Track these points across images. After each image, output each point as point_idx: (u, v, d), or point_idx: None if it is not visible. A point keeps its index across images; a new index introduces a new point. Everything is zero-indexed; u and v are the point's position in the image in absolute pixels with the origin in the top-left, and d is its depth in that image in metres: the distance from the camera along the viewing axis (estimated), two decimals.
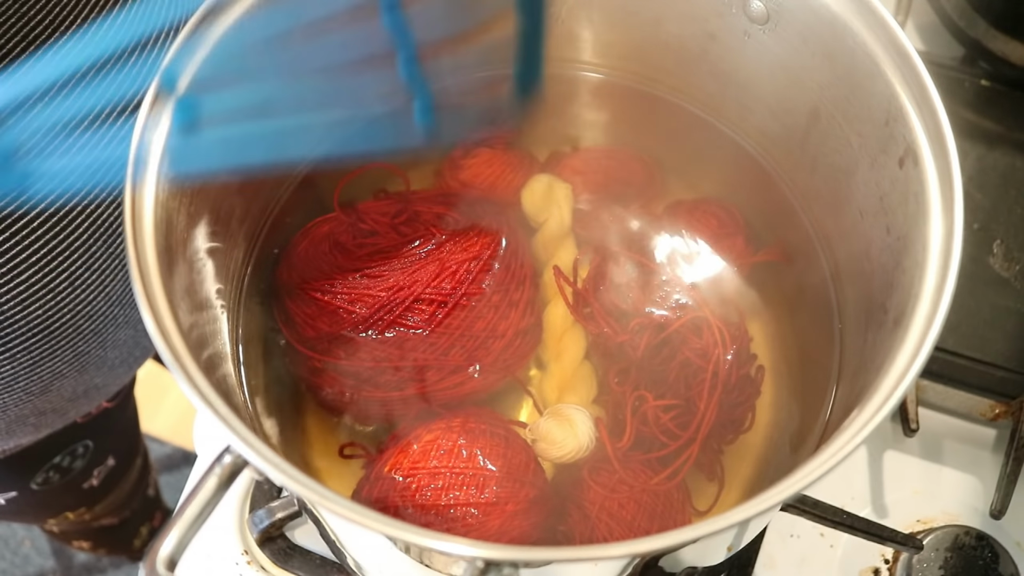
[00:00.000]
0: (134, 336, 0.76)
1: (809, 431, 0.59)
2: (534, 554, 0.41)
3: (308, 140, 0.46)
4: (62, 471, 0.89)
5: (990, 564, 0.64)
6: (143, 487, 1.12)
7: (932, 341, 0.44)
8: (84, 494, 0.97)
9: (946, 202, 0.48)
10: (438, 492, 0.54)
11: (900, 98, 0.51)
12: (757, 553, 0.65)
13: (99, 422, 0.88)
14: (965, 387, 0.71)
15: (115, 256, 0.68)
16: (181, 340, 0.44)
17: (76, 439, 0.87)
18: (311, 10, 0.43)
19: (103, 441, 0.92)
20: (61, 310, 0.67)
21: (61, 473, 0.89)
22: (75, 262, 0.65)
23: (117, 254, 0.68)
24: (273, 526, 0.63)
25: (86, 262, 0.66)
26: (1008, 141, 0.81)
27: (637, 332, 0.61)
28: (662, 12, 0.63)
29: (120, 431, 0.97)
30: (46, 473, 0.87)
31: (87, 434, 0.88)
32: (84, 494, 0.97)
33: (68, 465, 0.89)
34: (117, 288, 0.70)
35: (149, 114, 0.48)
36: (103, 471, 0.96)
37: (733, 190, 0.69)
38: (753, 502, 0.41)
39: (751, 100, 0.64)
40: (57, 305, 0.66)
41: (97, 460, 0.94)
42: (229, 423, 0.41)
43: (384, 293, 0.59)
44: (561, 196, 0.67)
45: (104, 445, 0.93)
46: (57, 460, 0.87)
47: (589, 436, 0.59)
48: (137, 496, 1.11)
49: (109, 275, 0.68)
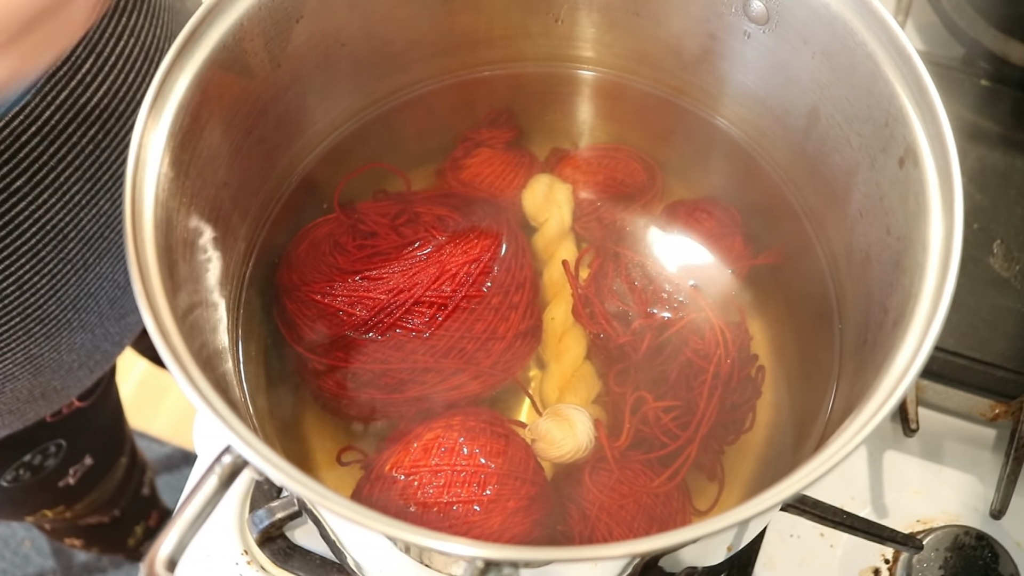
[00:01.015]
0: (92, 340, 0.75)
1: (809, 431, 0.59)
2: (534, 554, 0.41)
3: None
4: (33, 469, 0.88)
5: (990, 564, 0.64)
6: (132, 486, 1.11)
7: (932, 341, 0.44)
8: (60, 492, 0.96)
9: (946, 202, 0.48)
10: (440, 490, 0.54)
11: (900, 98, 0.51)
12: (757, 553, 0.65)
13: (73, 421, 0.87)
14: (965, 387, 0.71)
15: (66, 261, 0.68)
16: (180, 339, 0.44)
17: (47, 438, 0.86)
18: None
19: (78, 440, 0.91)
20: (10, 314, 0.66)
21: (32, 471, 0.88)
22: (23, 267, 0.65)
23: (69, 259, 0.68)
24: (273, 526, 0.63)
25: (35, 267, 0.65)
26: (1008, 141, 0.81)
27: (639, 333, 0.61)
28: (662, 12, 0.63)
29: (98, 430, 0.96)
30: (16, 471, 0.86)
31: (59, 433, 0.87)
32: (60, 492, 0.96)
33: (40, 464, 0.88)
34: (70, 292, 0.69)
35: (149, 114, 0.48)
36: (80, 470, 0.95)
37: (733, 190, 0.69)
38: (753, 502, 0.41)
39: (751, 100, 0.64)
40: (6, 309, 0.66)
41: (72, 459, 0.92)
42: (229, 423, 0.41)
43: (384, 295, 0.59)
44: (562, 196, 0.67)
45: (79, 444, 0.92)
46: (27, 458, 0.86)
47: (588, 436, 0.59)
48: (124, 495, 1.10)
49: (60, 280, 0.68)
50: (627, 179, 0.69)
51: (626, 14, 0.65)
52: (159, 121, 0.49)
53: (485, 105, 0.71)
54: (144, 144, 0.48)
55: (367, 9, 0.60)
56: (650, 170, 0.70)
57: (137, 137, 0.47)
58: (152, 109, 0.48)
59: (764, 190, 0.67)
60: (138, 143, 0.47)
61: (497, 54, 0.69)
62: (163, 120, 0.49)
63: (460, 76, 0.70)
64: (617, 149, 0.71)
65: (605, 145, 0.72)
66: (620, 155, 0.70)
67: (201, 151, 0.52)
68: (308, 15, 0.57)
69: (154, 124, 0.48)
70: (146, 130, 0.48)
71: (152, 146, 0.48)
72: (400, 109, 0.69)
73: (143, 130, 0.48)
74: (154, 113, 0.48)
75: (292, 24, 0.56)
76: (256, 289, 0.63)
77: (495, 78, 0.70)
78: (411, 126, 0.70)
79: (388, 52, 0.65)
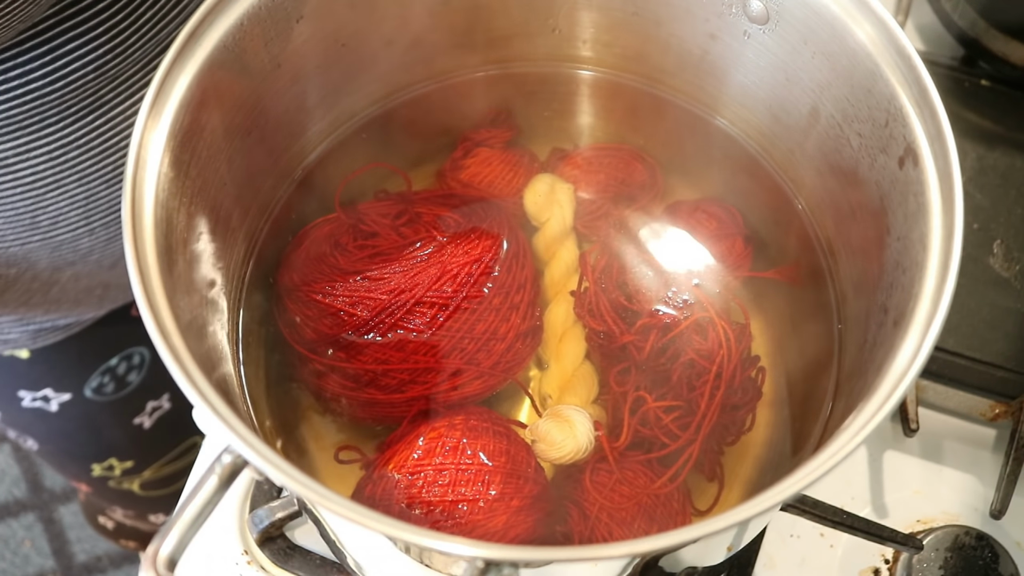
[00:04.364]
0: None
1: (809, 431, 0.59)
2: (534, 554, 0.41)
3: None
4: (117, 380, 0.90)
5: (990, 564, 0.64)
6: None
7: (932, 341, 0.44)
8: (134, 435, 0.97)
9: (946, 202, 0.48)
10: (444, 488, 0.54)
11: (900, 98, 0.51)
12: (757, 553, 0.65)
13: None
14: (965, 387, 0.71)
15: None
16: (181, 339, 0.44)
17: (132, 341, 0.89)
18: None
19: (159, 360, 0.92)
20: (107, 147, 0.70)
21: (116, 382, 0.90)
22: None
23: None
24: (273, 526, 0.63)
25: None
26: (1008, 141, 0.81)
27: (642, 332, 0.61)
28: (662, 12, 0.63)
29: None
30: (101, 376, 0.88)
31: (144, 339, 0.88)
32: (134, 435, 0.97)
33: (123, 374, 0.90)
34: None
35: (149, 114, 0.48)
36: (157, 410, 0.96)
37: (733, 190, 0.69)
38: (753, 502, 0.41)
39: (751, 100, 0.64)
40: (101, 140, 0.69)
41: (152, 386, 0.94)
42: (229, 423, 0.41)
43: (385, 296, 0.59)
44: (563, 196, 0.67)
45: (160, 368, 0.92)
46: (113, 362, 0.88)
47: (588, 438, 0.59)
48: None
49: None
50: (628, 178, 0.69)
51: (626, 14, 0.65)
52: (159, 121, 0.49)
53: (485, 105, 0.71)
54: (144, 144, 0.48)
55: (367, 9, 0.60)
56: (651, 169, 0.70)
57: (137, 137, 0.48)
58: (152, 109, 0.48)
59: (764, 190, 0.67)
60: (138, 143, 0.47)
61: (497, 54, 0.69)
62: (163, 120, 0.49)
63: (460, 76, 0.70)
64: (618, 148, 0.71)
65: (606, 144, 0.72)
66: (621, 154, 0.70)
67: (201, 151, 0.52)
68: (308, 15, 0.57)
69: (154, 124, 0.48)
70: (146, 130, 0.48)
71: (152, 146, 0.48)
72: (400, 109, 0.69)
73: (143, 130, 0.48)
74: (154, 113, 0.48)
75: (292, 24, 0.56)
76: (257, 289, 0.63)
77: (495, 78, 0.70)
78: (411, 126, 0.70)
79: (388, 52, 0.65)
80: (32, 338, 0.84)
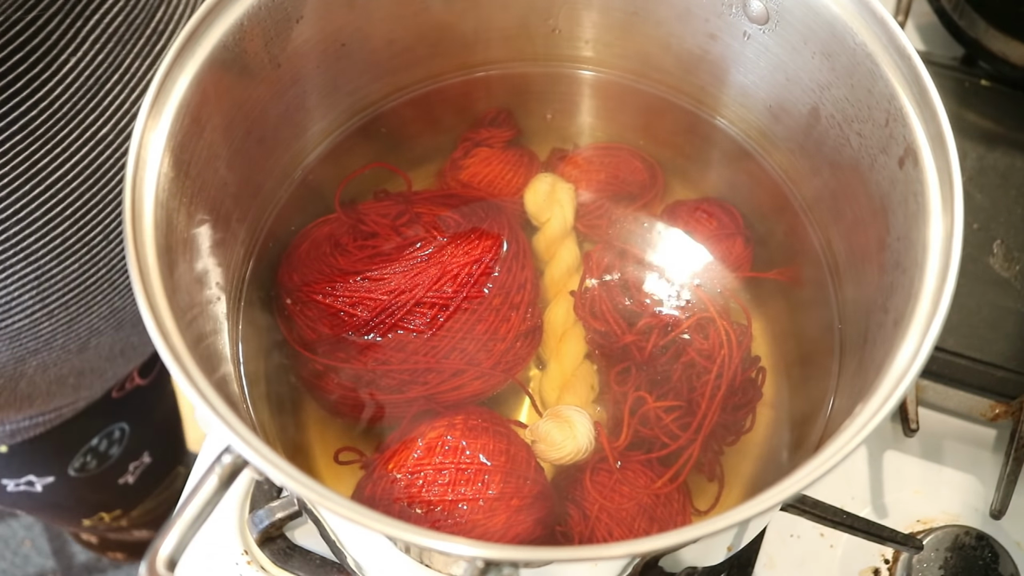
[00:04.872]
0: None
1: (809, 431, 0.59)
2: (534, 554, 0.41)
3: None
4: (99, 456, 0.89)
5: (990, 564, 0.64)
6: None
7: (932, 341, 0.44)
8: (120, 492, 0.97)
9: (946, 202, 0.48)
10: (444, 488, 0.54)
11: (900, 98, 0.51)
12: (757, 553, 0.65)
13: (134, 402, 0.88)
14: (965, 387, 0.71)
15: None
16: (181, 339, 0.44)
17: (112, 419, 0.88)
18: None
19: (139, 428, 0.93)
20: (96, 265, 0.68)
21: (98, 459, 0.89)
22: (109, 215, 0.66)
23: None
24: (273, 526, 0.63)
25: (120, 218, 0.67)
26: (1008, 141, 0.81)
27: (644, 332, 0.61)
28: (662, 12, 0.63)
29: (158, 421, 0.98)
30: (83, 457, 0.87)
31: (122, 415, 0.88)
32: (120, 492, 0.97)
33: (105, 450, 0.89)
34: None
35: (149, 114, 0.48)
36: (139, 468, 0.97)
37: (733, 190, 0.69)
38: (753, 502, 0.41)
39: (751, 100, 0.64)
40: (92, 259, 0.67)
41: (133, 451, 0.94)
42: (229, 423, 0.41)
43: (385, 296, 0.59)
44: (564, 195, 0.67)
45: (140, 433, 0.94)
46: (94, 442, 0.87)
47: (588, 438, 0.59)
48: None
49: None
50: (629, 177, 0.69)
51: (626, 14, 0.65)
52: (159, 121, 0.49)
53: (485, 105, 0.71)
54: (144, 144, 0.48)
55: (367, 9, 0.60)
56: (651, 168, 0.70)
57: (137, 137, 0.48)
58: (152, 109, 0.48)
59: (764, 190, 0.67)
60: (138, 143, 0.47)
61: (497, 54, 0.69)
62: (163, 120, 0.49)
63: (460, 76, 0.70)
64: (619, 148, 0.71)
65: (606, 144, 0.72)
66: (622, 153, 0.70)
67: (201, 151, 0.52)
68: (308, 15, 0.57)
69: (154, 124, 0.48)
70: (146, 130, 0.48)
71: (152, 146, 0.48)
72: (400, 109, 0.69)
73: (143, 130, 0.48)
74: (154, 113, 0.48)
75: (292, 24, 0.56)
76: (257, 289, 0.63)
77: (495, 78, 0.71)
78: (411, 126, 0.70)
79: (388, 52, 0.65)
80: (10, 436, 0.81)
